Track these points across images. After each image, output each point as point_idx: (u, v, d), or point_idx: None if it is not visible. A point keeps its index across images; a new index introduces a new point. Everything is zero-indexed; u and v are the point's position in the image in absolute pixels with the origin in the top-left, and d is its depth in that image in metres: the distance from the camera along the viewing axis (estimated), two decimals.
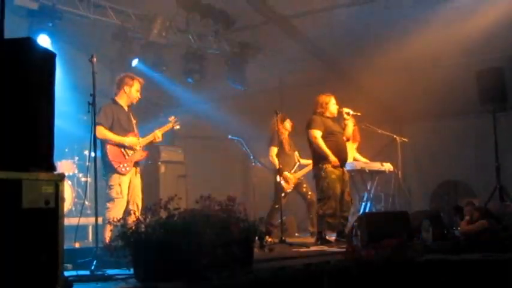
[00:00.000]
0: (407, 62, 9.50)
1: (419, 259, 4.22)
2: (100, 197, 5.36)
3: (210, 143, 7.48)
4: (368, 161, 9.10)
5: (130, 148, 6.41)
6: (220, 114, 10.68)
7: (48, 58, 3.57)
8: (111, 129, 6.33)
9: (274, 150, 8.58)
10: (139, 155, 6.50)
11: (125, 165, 6.31)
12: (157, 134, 6.66)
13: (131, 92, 6.53)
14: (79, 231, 5.56)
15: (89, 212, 7.88)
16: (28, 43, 3.45)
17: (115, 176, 6.26)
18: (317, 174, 7.50)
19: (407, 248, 4.24)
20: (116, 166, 6.25)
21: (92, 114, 5.30)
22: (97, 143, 5.44)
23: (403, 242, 4.29)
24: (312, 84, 10.03)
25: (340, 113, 7.67)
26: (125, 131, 6.45)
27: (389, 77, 9.77)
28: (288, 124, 8.96)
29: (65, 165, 8.45)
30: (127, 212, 6.10)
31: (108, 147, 6.28)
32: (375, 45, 9.39)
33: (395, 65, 9.59)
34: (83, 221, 6.44)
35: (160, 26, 8.76)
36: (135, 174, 6.48)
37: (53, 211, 3.29)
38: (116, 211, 6.04)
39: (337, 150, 7.49)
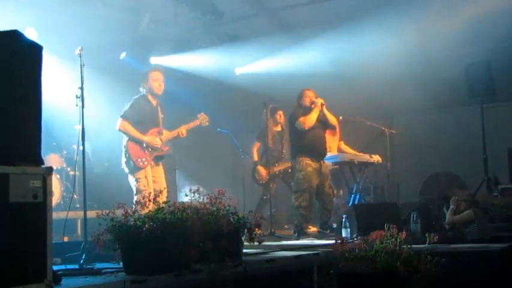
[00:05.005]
0: (396, 55, 9.52)
1: (407, 250, 4.25)
2: (88, 192, 5.34)
3: (199, 136, 7.49)
4: (355, 152, 9.13)
5: (150, 145, 6.60)
6: (208, 107, 10.66)
7: (35, 51, 3.54)
8: (136, 123, 6.57)
9: (256, 143, 9.04)
10: (160, 150, 6.69)
11: (143, 159, 6.53)
12: (182, 131, 6.90)
13: (150, 84, 6.74)
14: (68, 225, 5.53)
15: (77, 205, 7.84)
16: (14, 36, 3.41)
17: (141, 170, 6.49)
18: (294, 167, 7.74)
19: (395, 239, 4.26)
20: (134, 159, 6.48)
21: (79, 107, 5.27)
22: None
23: (391, 233, 4.32)
24: (300, 76, 10.04)
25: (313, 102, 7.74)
26: (149, 125, 6.69)
27: (379, 69, 9.79)
28: (278, 116, 9.03)
29: (53, 159, 8.39)
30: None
31: (129, 142, 6.54)
32: (364, 38, 9.39)
33: (384, 57, 9.61)
34: (72, 214, 6.42)
35: (149, 18, 8.72)
36: (158, 166, 6.72)
37: (41, 205, 3.27)
38: None
39: (315, 144, 7.64)
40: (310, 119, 7.59)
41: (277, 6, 9.84)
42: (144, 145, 6.56)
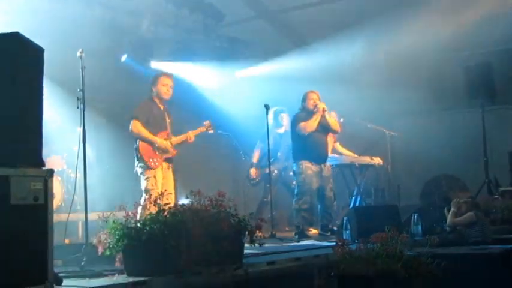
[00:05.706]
0: (396, 57, 9.52)
1: (407, 253, 4.24)
2: (89, 194, 5.34)
3: (200, 137, 7.49)
4: (352, 154, 9.12)
5: (162, 147, 6.63)
6: (209, 109, 10.66)
7: (36, 53, 3.54)
8: (146, 124, 6.59)
9: (258, 145, 9.07)
10: (170, 153, 6.71)
11: (155, 160, 6.55)
12: (190, 135, 6.96)
13: (158, 89, 6.76)
14: (69, 227, 5.55)
15: (78, 207, 7.84)
16: (16, 38, 3.42)
17: (151, 170, 6.53)
18: (294, 170, 7.80)
19: (396, 242, 4.26)
20: (146, 160, 6.51)
21: (81, 109, 5.27)
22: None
23: (392, 236, 4.32)
24: (301, 79, 10.04)
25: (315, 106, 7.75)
26: (158, 128, 6.68)
27: (379, 71, 9.79)
28: (280, 118, 9.04)
29: (54, 161, 8.38)
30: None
31: (141, 142, 6.56)
32: (363, 40, 9.40)
33: (384, 60, 9.61)
34: (73, 217, 6.42)
35: (149, 21, 8.74)
36: (168, 169, 6.73)
37: (42, 207, 3.27)
38: None
39: (316, 147, 7.68)
40: (311, 125, 7.63)
41: (278, 9, 9.85)
42: (156, 146, 6.60)
